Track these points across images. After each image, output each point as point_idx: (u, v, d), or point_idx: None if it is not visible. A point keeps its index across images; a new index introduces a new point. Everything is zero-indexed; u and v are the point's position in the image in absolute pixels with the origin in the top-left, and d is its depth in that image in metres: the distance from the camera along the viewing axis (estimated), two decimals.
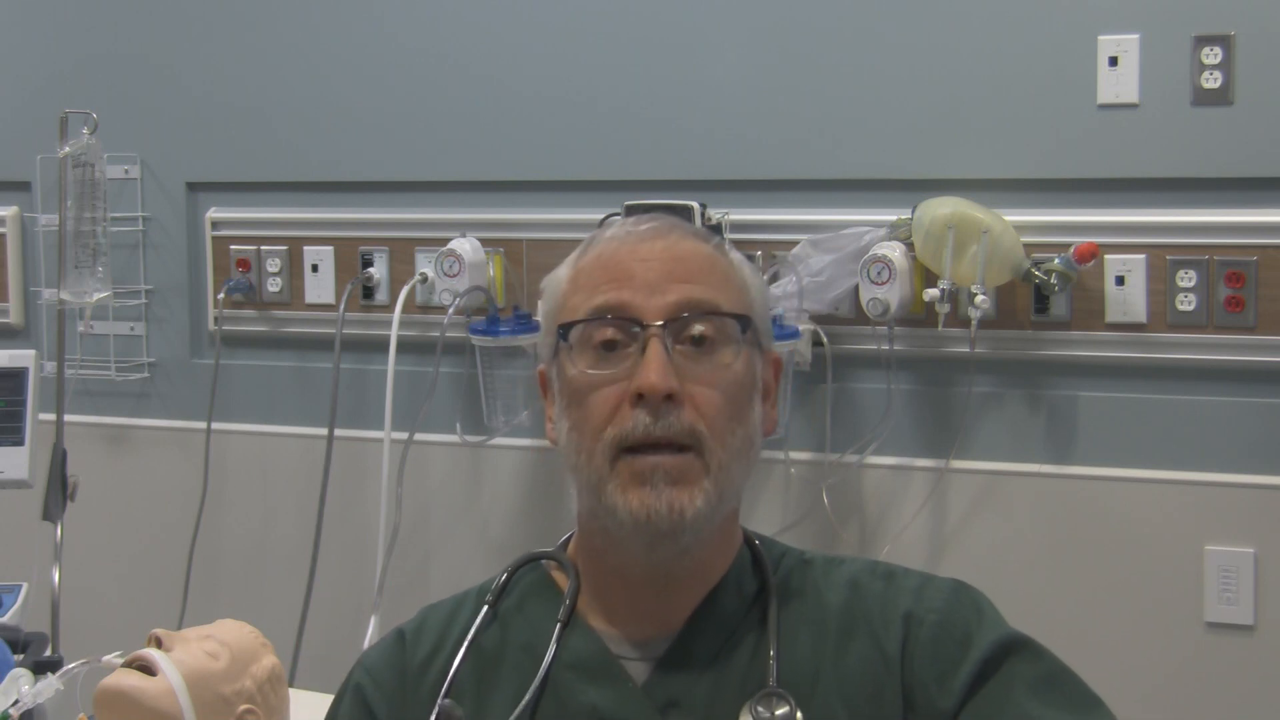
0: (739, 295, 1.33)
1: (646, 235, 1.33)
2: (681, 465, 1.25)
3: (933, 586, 1.32)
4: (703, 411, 1.26)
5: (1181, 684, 2.48)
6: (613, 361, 1.28)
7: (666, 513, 1.24)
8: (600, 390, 1.28)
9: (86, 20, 3.18)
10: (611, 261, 1.32)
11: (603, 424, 1.27)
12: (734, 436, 1.28)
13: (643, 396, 1.25)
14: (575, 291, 1.33)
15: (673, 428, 1.25)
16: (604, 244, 1.34)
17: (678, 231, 1.34)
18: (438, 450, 2.93)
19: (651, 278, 1.29)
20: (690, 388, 1.27)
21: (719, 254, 1.35)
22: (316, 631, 2.92)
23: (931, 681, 1.25)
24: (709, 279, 1.31)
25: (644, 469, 1.25)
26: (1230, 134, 2.42)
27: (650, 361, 1.25)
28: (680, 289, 1.29)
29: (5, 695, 1.62)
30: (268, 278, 3.05)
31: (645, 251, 1.31)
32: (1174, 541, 2.49)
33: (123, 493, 3.19)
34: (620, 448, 1.26)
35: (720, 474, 1.27)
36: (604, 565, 1.34)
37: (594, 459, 1.27)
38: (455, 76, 2.89)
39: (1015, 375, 2.58)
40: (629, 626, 1.32)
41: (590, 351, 1.30)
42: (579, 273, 1.34)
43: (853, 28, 2.62)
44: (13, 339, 3.25)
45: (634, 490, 1.25)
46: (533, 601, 1.38)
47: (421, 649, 1.38)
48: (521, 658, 1.33)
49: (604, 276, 1.31)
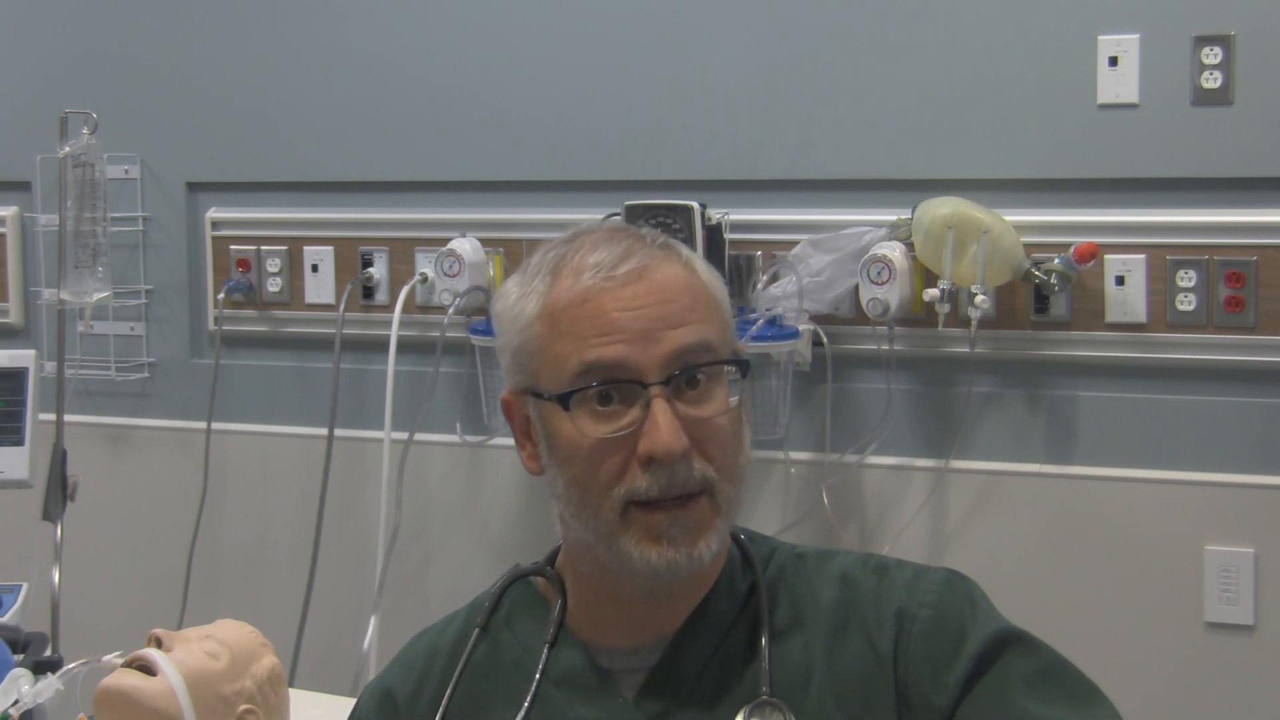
0: (718, 315, 1.30)
1: (626, 279, 1.25)
2: (696, 514, 1.24)
3: (925, 580, 1.31)
4: (710, 457, 1.25)
5: (1181, 684, 2.48)
6: (612, 418, 1.24)
7: (686, 563, 1.24)
8: (604, 450, 1.24)
9: (86, 20, 3.18)
10: (596, 311, 1.25)
11: (610, 483, 1.24)
12: (739, 470, 1.28)
13: (653, 459, 1.23)
14: (556, 338, 1.26)
15: (688, 483, 1.24)
16: (582, 286, 1.26)
17: (653, 262, 1.27)
18: (438, 450, 2.93)
19: (642, 326, 1.24)
20: (697, 436, 1.24)
21: (690, 274, 1.29)
22: (316, 631, 2.92)
23: (926, 678, 1.24)
24: (694, 314, 1.26)
25: (660, 525, 1.24)
26: (1230, 134, 2.41)
27: (660, 426, 1.22)
28: (673, 336, 1.24)
29: (5, 695, 1.62)
30: (268, 278, 3.05)
31: (629, 297, 1.25)
32: (1174, 541, 2.49)
33: (123, 493, 3.19)
34: (630, 502, 1.24)
35: (728, 509, 1.27)
36: (596, 586, 1.32)
37: (601, 513, 1.25)
38: (455, 76, 2.89)
39: (1015, 375, 2.58)
40: (619, 637, 1.31)
41: (588, 411, 1.25)
42: (555, 315, 1.27)
43: (853, 28, 2.62)
44: (13, 339, 3.25)
45: (651, 545, 1.24)
46: (521, 617, 1.37)
47: (409, 683, 1.38)
48: (512, 675, 1.32)
49: (590, 328, 1.24)
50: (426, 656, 1.39)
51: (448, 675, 1.34)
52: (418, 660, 1.39)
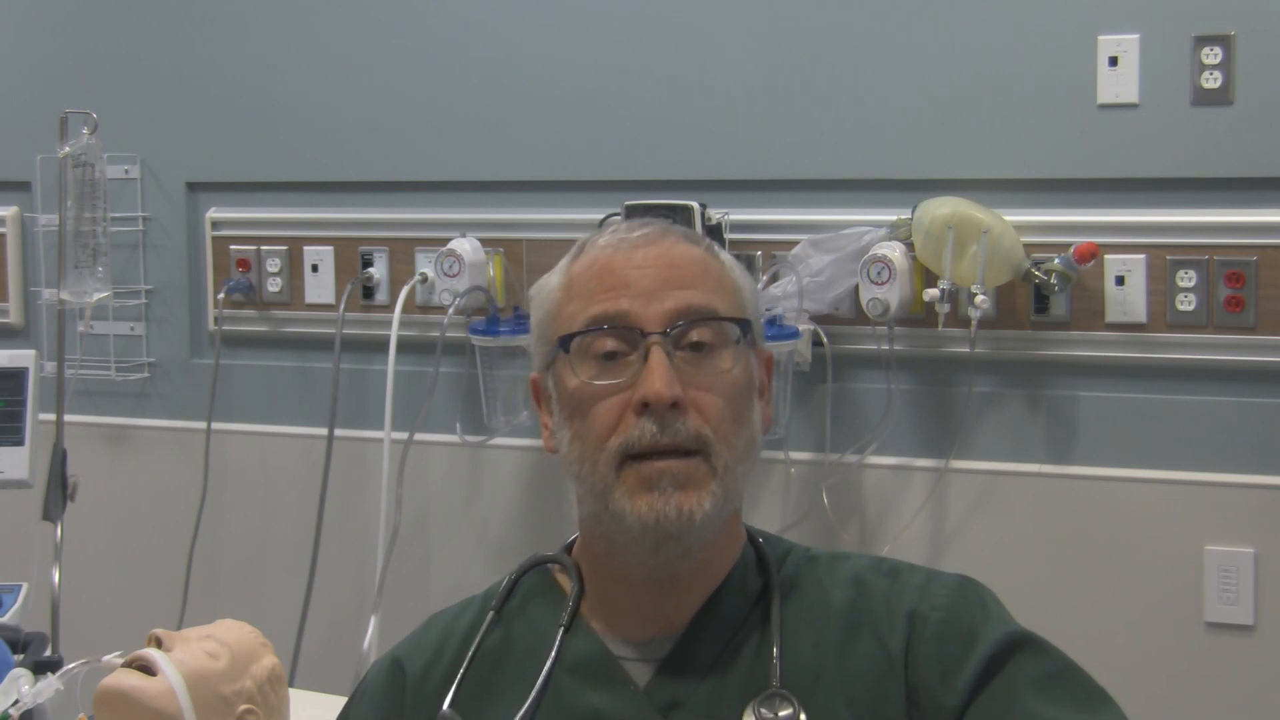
0: (733, 298, 1.34)
1: (640, 242, 1.33)
2: (688, 469, 1.26)
3: (938, 583, 1.32)
4: (707, 416, 1.27)
5: (1181, 684, 2.48)
6: (614, 371, 1.29)
7: (675, 516, 1.25)
8: (603, 400, 1.28)
9: (86, 20, 3.18)
10: (606, 269, 1.32)
11: (607, 433, 1.28)
12: (738, 439, 1.29)
13: (648, 405, 1.26)
14: (570, 300, 1.33)
15: (679, 434, 1.26)
16: (597, 251, 1.34)
17: (671, 236, 1.34)
18: (438, 450, 2.93)
19: (648, 284, 1.30)
20: (693, 393, 1.27)
21: (711, 257, 1.35)
22: (316, 631, 2.92)
23: (936, 680, 1.25)
24: (704, 283, 1.32)
25: (651, 474, 1.26)
26: (1230, 134, 2.41)
27: (654, 370, 1.26)
28: (677, 295, 1.30)
29: (5, 695, 1.62)
30: (268, 278, 3.05)
31: (640, 258, 1.31)
32: (1174, 541, 2.49)
33: (123, 493, 3.19)
34: (626, 455, 1.27)
35: (726, 475, 1.28)
36: (607, 569, 1.34)
37: (599, 467, 1.28)
38: (455, 76, 2.89)
39: (1015, 375, 2.58)
40: (632, 628, 1.32)
41: (591, 361, 1.30)
42: (572, 280, 1.34)
43: (853, 28, 2.62)
44: (13, 339, 3.25)
45: (642, 496, 1.26)
46: (536, 604, 1.38)
47: (420, 660, 1.39)
48: (524, 661, 1.33)
49: (599, 285, 1.31)
50: (440, 638, 1.40)
51: (460, 659, 1.36)
52: (431, 640, 1.41)
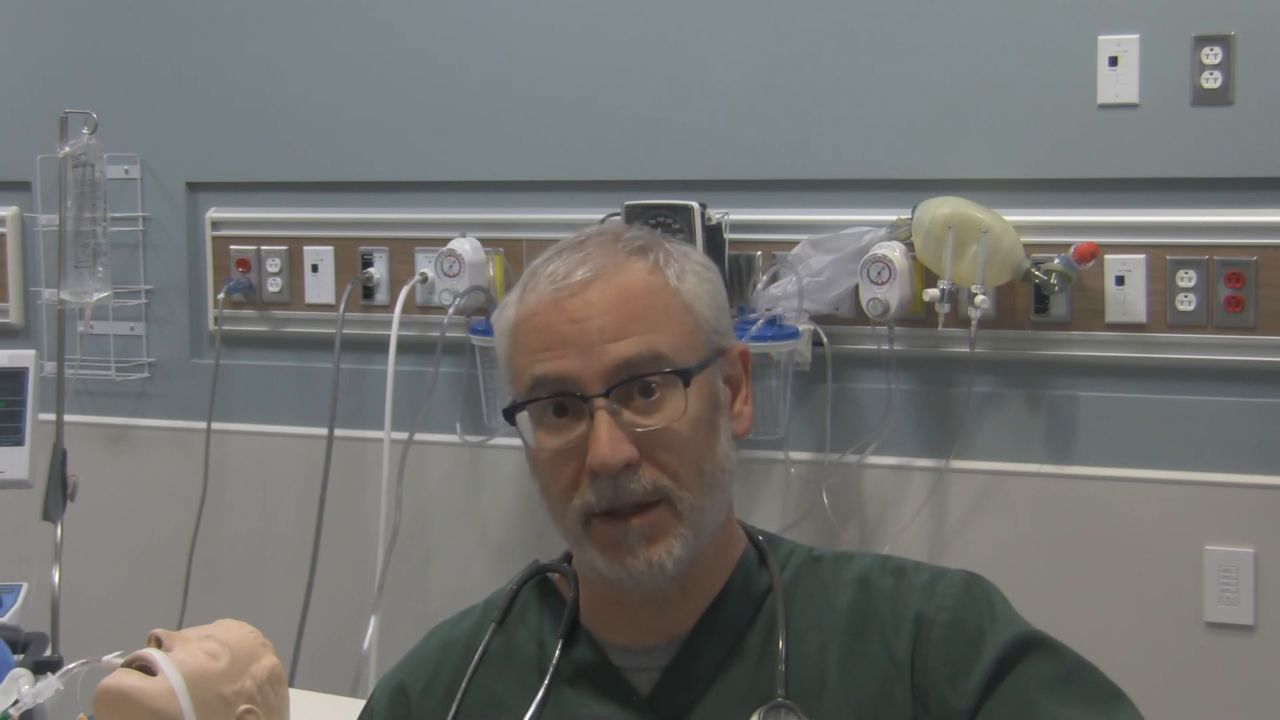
0: (684, 319, 1.28)
1: (578, 287, 1.25)
2: (653, 520, 1.24)
3: (944, 582, 1.30)
4: (664, 466, 1.24)
5: (1181, 684, 2.48)
6: (564, 429, 1.25)
7: (646, 570, 1.24)
8: (558, 465, 1.26)
9: (86, 20, 3.18)
10: (545, 325, 1.26)
11: (566, 495, 1.25)
12: (702, 475, 1.26)
13: (594, 472, 1.23)
14: (517, 351, 1.28)
15: (635, 494, 1.23)
16: (537, 298, 1.27)
17: (613, 262, 1.27)
18: (438, 450, 2.93)
19: (589, 339, 1.24)
20: (647, 445, 1.24)
21: (655, 276, 1.28)
22: (316, 631, 2.92)
23: (944, 682, 1.23)
24: (646, 319, 1.25)
25: (616, 535, 1.24)
26: (1230, 134, 2.41)
27: (600, 437, 1.22)
28: (617, 349, 1.23)
29: (5, 695, 1.62)
30: (268, 278, 3.05)
31: (578, 308, 1.25)
32: (1174, 541, 2.49)
33: (123, 493, 3.19)
34: (589, 514, 1.25)
35: (694, 515, 1.25)
36: (601, 586, 1.32)
37: (566, 522, 1.27)
38: (455, 76, 2.89)
39: (1015, 375, 2.58)
40: (633, 636, 1.31)
41: (542, 422, 1.27)
42: (516, 328, 1.29)
43: (853, 28, 2.62)
44: (13, 339, 3.25)
45: (611, 553, 1.25)
46: (536, 611, 1.37)
47: (422, 678, 1.38)
48: (526, 671, 1.32)
49: (539, 343, 1.26)
50: (441, 650, 1.39)
51: (462, 669, 1.35)
52: (431, 654, 1.40)
